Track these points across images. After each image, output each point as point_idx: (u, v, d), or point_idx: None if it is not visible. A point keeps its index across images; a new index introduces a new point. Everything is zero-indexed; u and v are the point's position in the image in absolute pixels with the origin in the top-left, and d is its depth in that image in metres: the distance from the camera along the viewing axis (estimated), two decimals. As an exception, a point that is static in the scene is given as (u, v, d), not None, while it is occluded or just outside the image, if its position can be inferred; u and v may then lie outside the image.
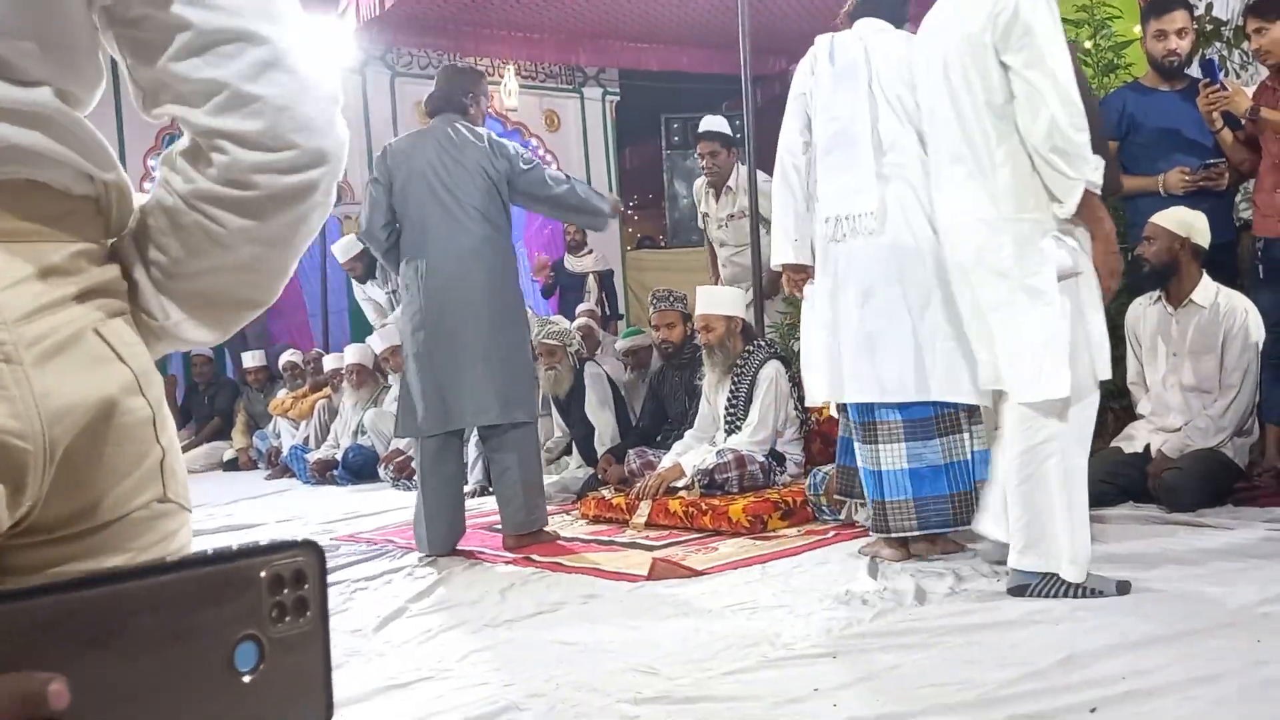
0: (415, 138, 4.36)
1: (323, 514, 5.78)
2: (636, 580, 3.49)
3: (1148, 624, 2.53)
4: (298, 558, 0.56)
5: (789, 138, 3.60)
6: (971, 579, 3.17)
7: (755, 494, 4.44)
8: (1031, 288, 2.78)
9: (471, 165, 4.19)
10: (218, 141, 0.81)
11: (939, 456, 3.39)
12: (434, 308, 4.15)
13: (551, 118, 11.00)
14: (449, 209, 4.17)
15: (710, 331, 4.81)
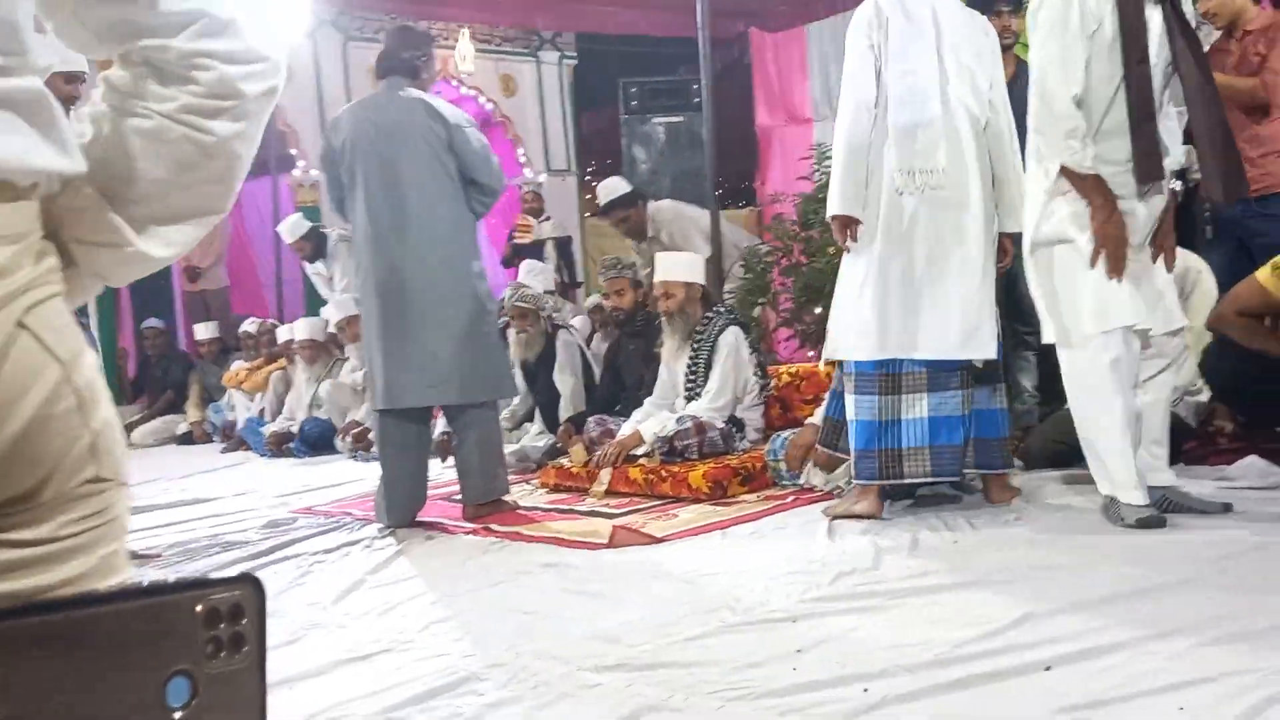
0: (362, 105, 4.29)
1: (279, 486, 5.73)
2: (597, 548, 3.49)
3: (1103, 582, 2.56)
4: (235, 592, 0.55)
5: (865, 90, 3.54)
6: (928, 539, 3.20)
7: (715, 460, 4.45)
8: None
9: (418, 131, 4.11)
10: (202, 61, 0.92)
11: (958, 408, 3.53)
12: (387, 282, 4.10)
13: (508, 82, 10.89)
14: (397, 178, 4.10)
15: (670, 298, 4.80)
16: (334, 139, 4.25)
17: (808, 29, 10.23)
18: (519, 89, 10.96)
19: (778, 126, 10.61)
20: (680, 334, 4.82)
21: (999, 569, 2.78)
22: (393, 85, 4.21)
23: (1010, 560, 2.86)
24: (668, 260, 4.91)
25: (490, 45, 10.68)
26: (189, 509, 5.15)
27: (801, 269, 6.30)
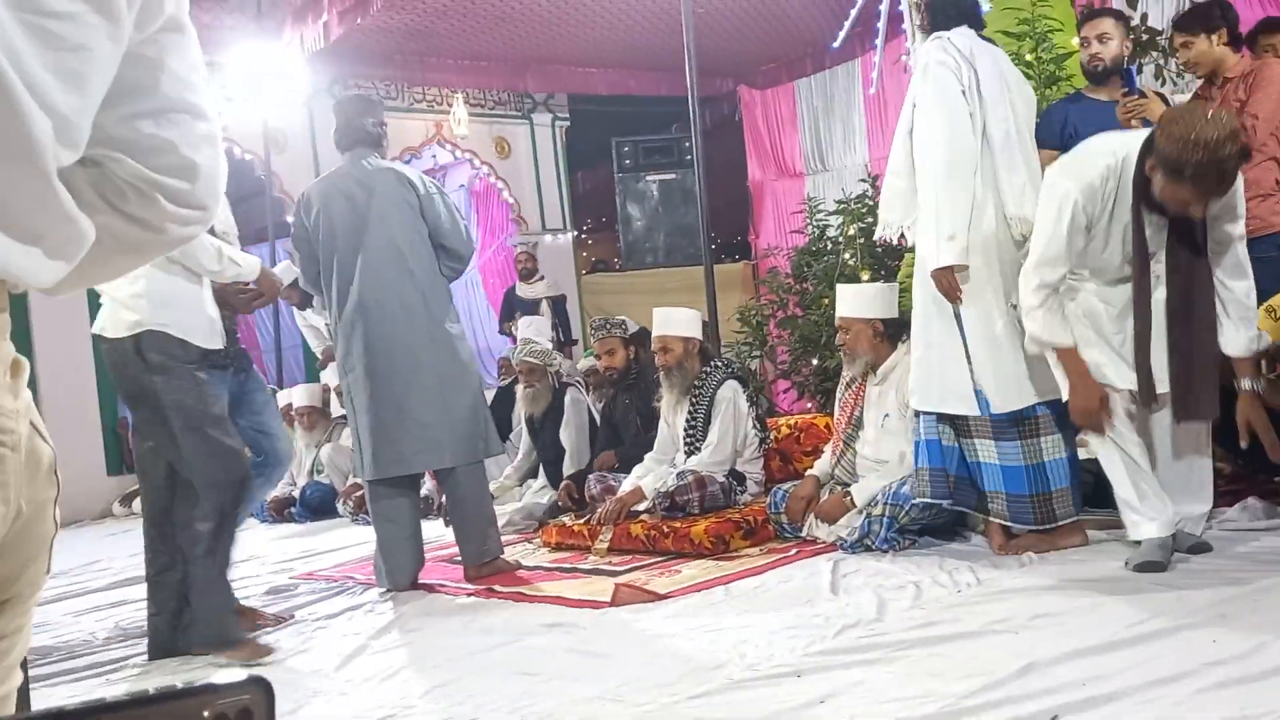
0: (330, 178, 4.31)
1: (280, 552, 5.72)
2: (600, 607, 3.48)
3: (1105, 628, 2.56)
4: (244, 696, 0.55)
5: (967, 138, 3.51)
6: (931, 589, 3.20)
7: (716, 514, 4.45)
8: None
9: (390, 200, 4.15)
10: (152, 192, 0.89)
11: (1019, 458, 3.56)
12: (366, 352, 4.12)
13: (502, 145, 11.01)
14: (370, 248, 4.13)
15: (668, 353, 4.82)
16: (304, 216, 4.27)
17: (796, 85, 10.38)
18: (513, 151, 11.08)
19: (770, 180, 10.72)
20: (678, 388, 4.84)
21: (1002, 618, 2.77)
22: (357, 156, 4.25)
23: (1014, 609, 2.86)
24: (665, 315, 4.94)
25: (484, 109, 10.82)
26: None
27: (798, 321, 6.35)
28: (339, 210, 4.16)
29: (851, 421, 4.27)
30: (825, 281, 6.04)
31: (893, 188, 3.79)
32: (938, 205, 3.51)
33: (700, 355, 4.90)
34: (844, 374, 4.43)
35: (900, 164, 3.75)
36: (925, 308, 3.69)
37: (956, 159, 3.50)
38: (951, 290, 3.55)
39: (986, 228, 3.54)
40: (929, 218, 3.55)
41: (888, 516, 3.84)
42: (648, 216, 10.17)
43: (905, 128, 3.73)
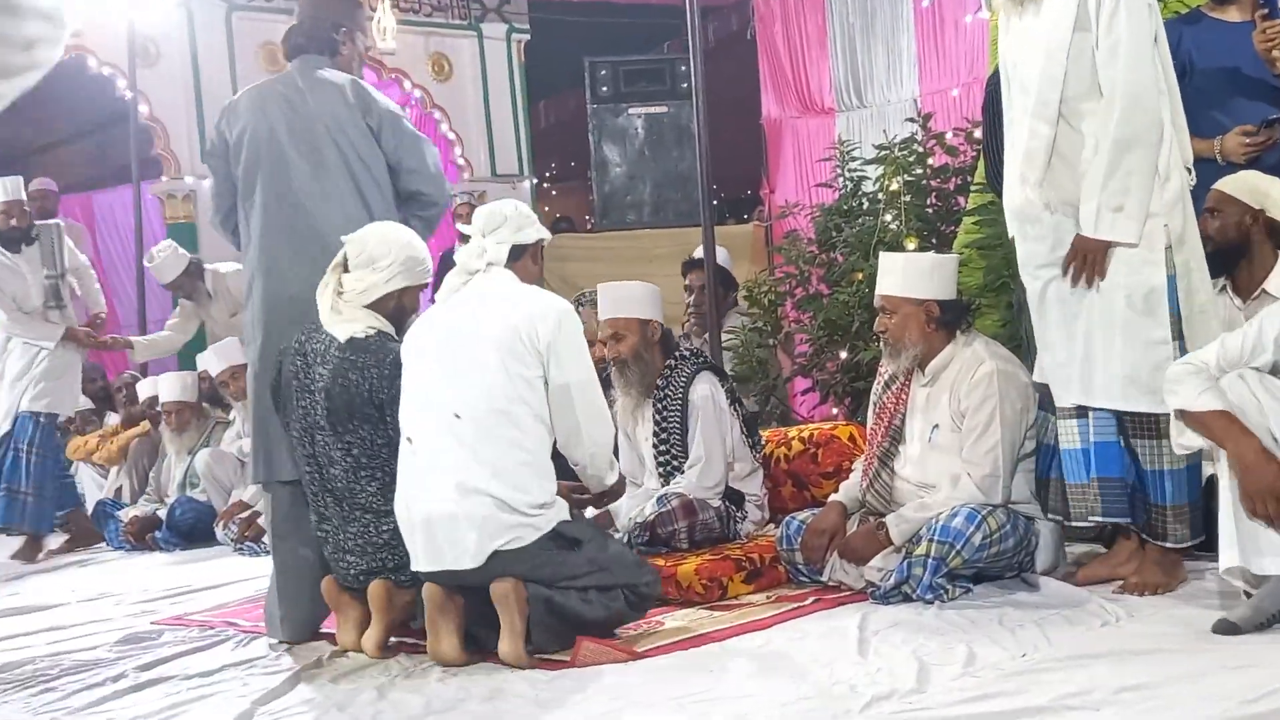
0: (266, 89, 4.31)
1: (141, 589, 5.70)
2: (557, 668, 3.48)
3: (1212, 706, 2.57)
4: None
5: (1152, 74, 3.76)
6: (988, 652, 3.21)
7: (711, 550, 4.46)
8: None
9: (339, 126, 4.15)
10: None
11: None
12: (284, 318, 4.11)
13: (440, 63, 11.00)
14: (308, 187, 4.13)
15: (620, 341, 4.80)
16: (227, 129, 4.27)
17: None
18: (455, 72, 11.07)
19: (790, 118, 10.74)
20: (636, 389, 4.82)
21: (1079, 691, 2.78)
22: (306, 66, 4.25)
23: (1094, 679, 2.87)
24: (614, 291, 4.90)
25: (418, 15, 10.80)
26: (20, 620, 5.10)
27: (822, 301, 6.36)
28: (270, 131, 4.15)
29: (889, 433, 4.28)
30: (859, 250, 6.05)
31: (1039, 135, 3.83)
32: (1109, 170, 3.67)
33: (662, 345, 4.89)
34: (881, 371, 4.44)
35: (1047, 104, 3.79)
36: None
37: (1146, 122, 3.67)
38: (1093, 269, 3.72)
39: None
40: (1096, 179, 3.70)
41: (934, 557, 3.85)
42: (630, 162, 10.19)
43: (1056, 53, 3.76)
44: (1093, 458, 3.83)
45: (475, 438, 3.56)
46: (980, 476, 4.02)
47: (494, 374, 3.60)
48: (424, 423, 3.64)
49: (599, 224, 10.68)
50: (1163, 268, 3.72)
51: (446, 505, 3.53)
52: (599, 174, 10.16)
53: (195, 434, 7.62)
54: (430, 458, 3.61)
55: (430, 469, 3.60)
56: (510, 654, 3.51)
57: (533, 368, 3.61)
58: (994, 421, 4.04)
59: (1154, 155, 3.70)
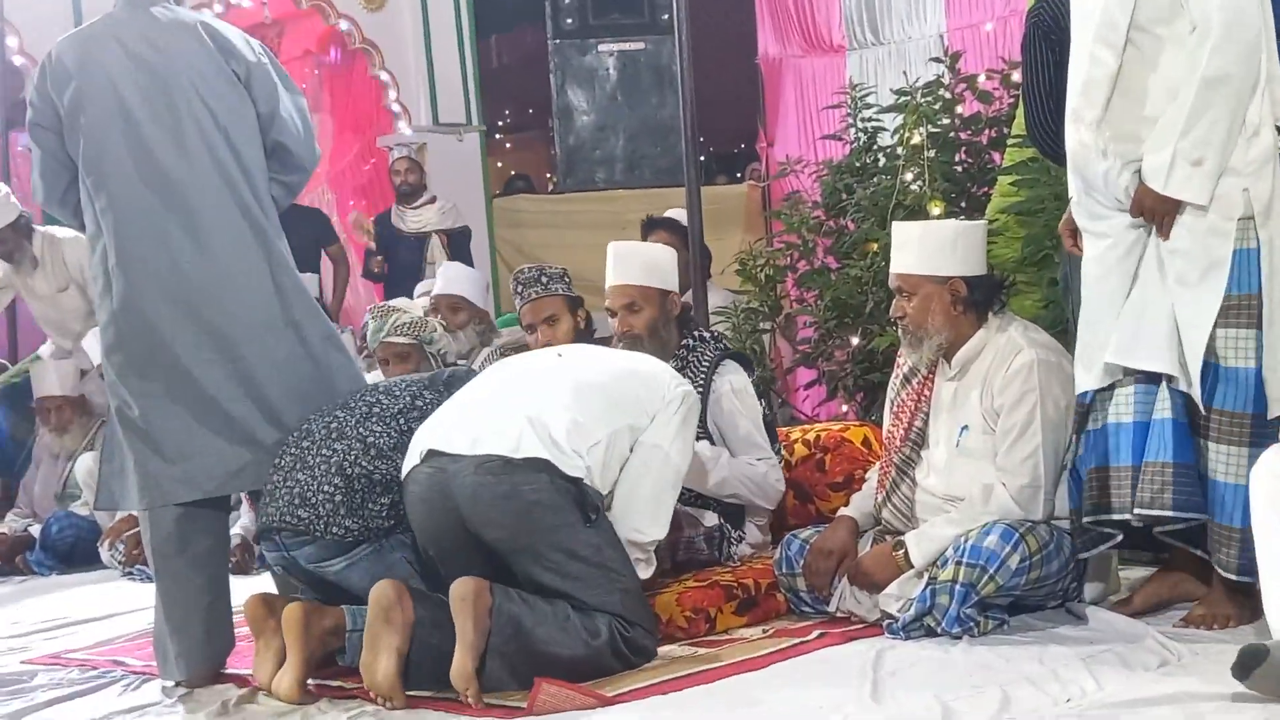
0: (97, 33, 4.26)
1: (10, 622, 5.69)
2: (510, 715, 3.49)
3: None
4: None
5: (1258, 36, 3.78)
6: (1026, 696, 3.22)
7: (696, 575, 4.47)
8: None
9: (199, 69, 4.12)
10: None
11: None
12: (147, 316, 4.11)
13: (372, -10, 10.97)
14: (158, 153, 4.11)
15: (635, 313, 4.79)
16: (54, 90, 4.18)
17: (837, -91, 10.41)
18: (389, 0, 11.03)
19: (792, 58, 10.76)
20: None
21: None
22: (136, 4, 4.21)
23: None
24: (628, 253, 4.91)
25: (346, -69, 10.77)
26: None
27: (829, 276, 6.37)
28: (117, 82, 4.11)
29: (910, 436, 4.30)
30: (874, 216, 6.07)
31: (1102, 64, 3.83)
32: (1193, 114, 3.67)
33: (679, 321, 4.90)
34: (899, 362, 4.45)
35: (1115, 28, 3.80)
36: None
37: (1243, 59, 3.68)
38: (1163, 223, 3.74)
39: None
40: (1174, 124, 3.71)
41: (962, 583, 3.86)
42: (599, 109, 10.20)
43: None
44: (1169, 436, 3.76)
45: (568, 383, 4.04)
46: (1017, 487, 4.03)
47: (618, 363, 4.26)
48: (518, 362, 4.30)
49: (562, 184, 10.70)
50: (1231, 240, 3.71)
51: (498, 412, 3.95)
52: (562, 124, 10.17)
53: (79, 434, 7.59)
54: (507, 382, 4.17)
55: (505, 385, 4.15)
56: (457, 672, 3.52)
57: (648, 399, 4.06)
58: (1034, 422, 4.05)
59: (1246, 102, 3.70)
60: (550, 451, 3.80)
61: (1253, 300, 3.70)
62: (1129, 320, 3.81)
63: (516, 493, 3.73)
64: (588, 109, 10.16)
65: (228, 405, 4.11)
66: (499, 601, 3.60)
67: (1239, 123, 3.69)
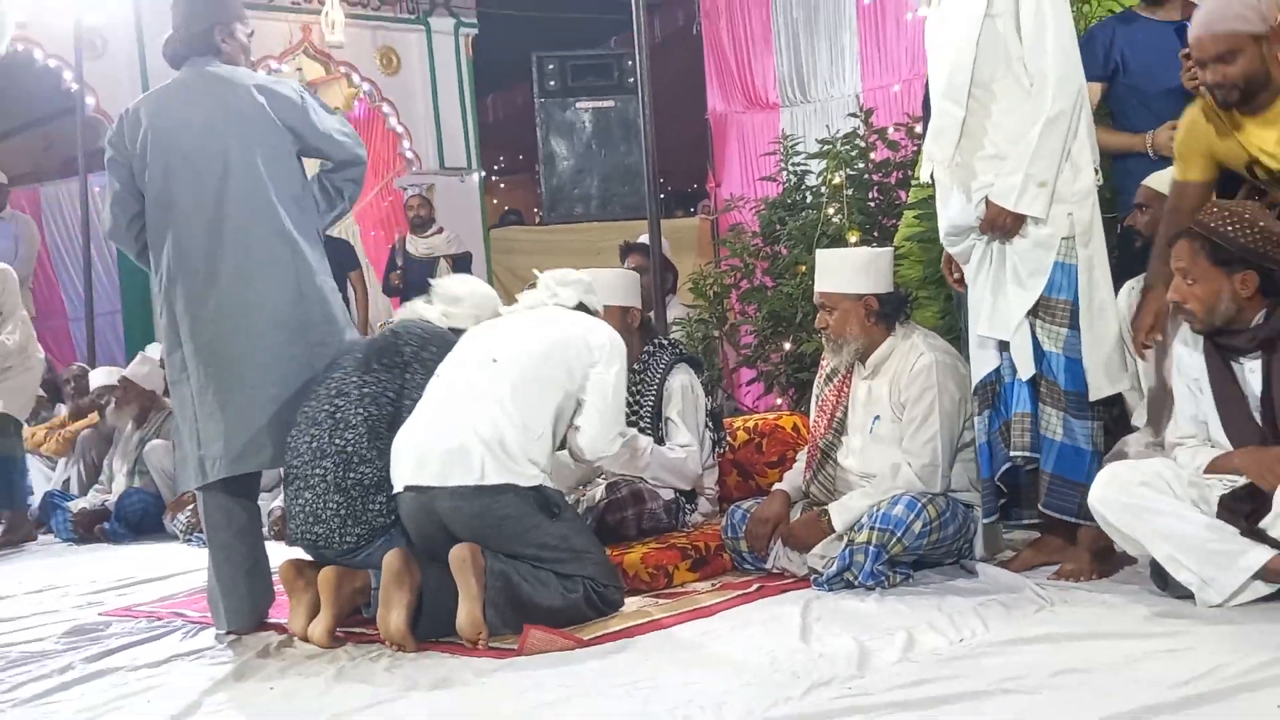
0: (163, 93, 4.26)
1: (89, 580, 5.65)
2: (504, 656, 3.47)
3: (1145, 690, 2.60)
4: None
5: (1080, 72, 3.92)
6: (927, 637, 3.24)
7: (657, 539, 4.46)
8: None
9: (248, 118, 4.11)
10: None
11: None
12: (206, 328, 4.08)
13: (389, 57, 10.92)
14: (218, 191, 4.08)
15: (599, 329, 4.81)
16: (126, 137, 4.19)
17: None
18: (403, 65, 11.00)
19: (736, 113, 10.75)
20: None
21: (1016, 676, 2.81)
22: (196, 67, 4.21)
23: (1031, 664, 2.90)
24: (594, 279, 4.90)
25: (366, 9, 10.72)
26: None
27: (766, 293, 6.38)
28: (179, 132, 4.10)
29: (832, 426, 4.30)
30: (802, 243, 6.07)
31: (948, 115, 3.92)
32: (1039, 147, 3.78)
33: (641, 332, 4.90)
34: (823, 364, 4.46)
35: (958, 87, 3.88)
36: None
37: (1074, 102, 3.80)
38: (1009, 233, 3.85)
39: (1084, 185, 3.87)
40: (1022, 155, 3.80)
41: (875, 544, 3.87)
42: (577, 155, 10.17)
43: (967, 38, 3.84)
44: (1025, 393, 3.90)
45: (501, 382, 3.85)
46: (920, 466, 4.05)
47: (540, 348, 3.95)
48: (458, 367, 3.99)
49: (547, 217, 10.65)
50: (1054, 253, 3.83)
51: (452, 437, 3.75)
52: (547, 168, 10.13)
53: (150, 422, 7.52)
54: (454, 392, 3.89)
55: (450, 401, 3.86)
56: (466, 622, 3.54)
57: (574, 371, 3.94)
58: (933, 412, 4.07)
59: (1072, 138, 3.80)
60: (509, 471, 3.72)
61: (1066, 304, 3.84)
62: (985, 304, 3.94)
63: (488, 511, 3.69)
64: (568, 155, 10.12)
65: (250, 393, 4.07)
66: (490, 563, 3.61)
67: (1066, 154, 3.80)
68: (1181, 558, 3.30)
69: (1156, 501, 3.36)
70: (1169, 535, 3.32)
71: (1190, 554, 3.28)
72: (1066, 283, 3.83)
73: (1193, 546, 3.29)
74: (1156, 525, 3.34)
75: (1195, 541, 3.28)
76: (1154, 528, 3.35)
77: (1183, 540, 3.30)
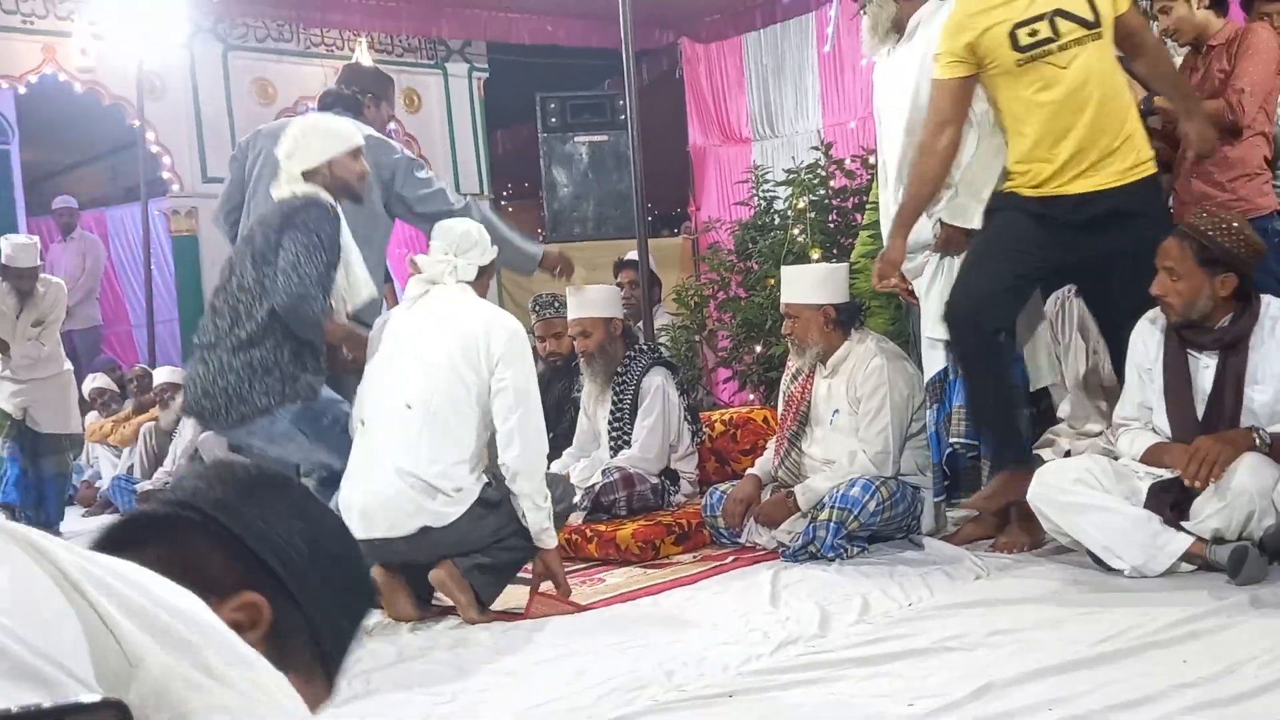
0: (282, 125, 4.29)
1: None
2: (512, 620, 3.48)
3: (1068, 647, 2.61)
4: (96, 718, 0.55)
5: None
6: (880, 602, 3.24)
7: (646, 517, 4.47)
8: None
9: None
10: None
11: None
12: None
13: (411, 97, 10.89)
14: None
15: (587, 337, 4.80)
16: (250, 145, 4.37)
17: (744, 39, 10.41)
18: (424, 104, 10.96)
19: (713, 146, 10.75)
20: (601, 376, 4.83)
21: (956, 635, 2.82)
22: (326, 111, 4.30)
23: (969, 625, 2.91)
24: (581, 295, 4.91)
25: (391, 55, 10.68)
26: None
27: (740, 303, 6.37)
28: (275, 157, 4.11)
29: (797, 418, 4.30)
30: (771, 260, 6.07)
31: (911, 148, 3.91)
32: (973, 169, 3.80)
33: (623, 338, 4.89)
34: (789, 365, 4.47)
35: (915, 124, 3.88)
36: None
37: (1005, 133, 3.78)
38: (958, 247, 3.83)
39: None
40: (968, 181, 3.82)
41: (835, 521, 3.88)
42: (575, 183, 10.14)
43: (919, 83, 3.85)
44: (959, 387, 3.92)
45: (421, 428, 3.46)
46: (874, 453, 4.06)
47: (445, 372, 3.49)
48: (378, 410, 3.56)
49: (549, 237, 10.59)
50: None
51: (388, 486, 3.45)
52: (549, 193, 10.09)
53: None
54: (380, 442, 3.51)
55: (379, 453, 3.50)
56: (468, 618, 3.48)
57: (481, 373, 3.50)
58: (885, 406, 4.08)
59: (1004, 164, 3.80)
60: (451, 504, 3.45)
61: None
62: (935, 310, 3.90)
63: (442, 542, 3.46)
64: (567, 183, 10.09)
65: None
66: (464, 566, 3.48)
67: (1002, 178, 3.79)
68: (1114, 548, 3.28)
69: (1089, 497, 3.33)
70: (1102, 527, 3.30)
71: (1121, 545, 3.27)
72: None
73: (1122, 538, 3.27)
74: (1090, 519, 3.33)
75: (1124, 534, 3.27)
76: (1088, 522, 3.33)
77: (1114, 533, 3.29)
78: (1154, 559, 3.23)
